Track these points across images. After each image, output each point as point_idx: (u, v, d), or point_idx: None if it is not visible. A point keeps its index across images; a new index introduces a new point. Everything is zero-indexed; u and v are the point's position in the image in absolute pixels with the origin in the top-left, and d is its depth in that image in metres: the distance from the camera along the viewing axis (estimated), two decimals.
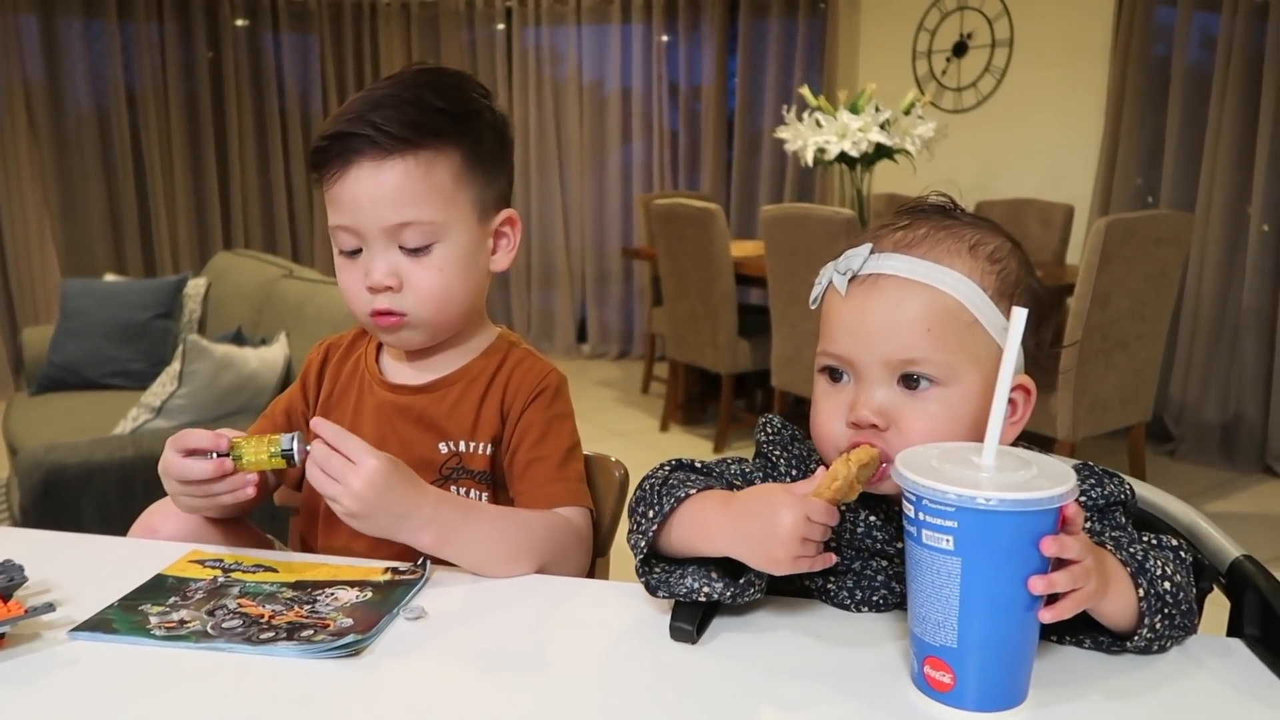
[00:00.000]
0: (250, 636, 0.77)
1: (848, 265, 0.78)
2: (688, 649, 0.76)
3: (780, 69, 5.52)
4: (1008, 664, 0.65)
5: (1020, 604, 0.64)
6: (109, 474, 2.23)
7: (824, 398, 0.81)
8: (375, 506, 0.85)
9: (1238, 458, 3.80)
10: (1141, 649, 0.72)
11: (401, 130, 0.93)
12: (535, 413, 1.02)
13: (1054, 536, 0.62)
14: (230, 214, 5.61)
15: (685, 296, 4.06)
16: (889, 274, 0.76)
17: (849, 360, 0.78)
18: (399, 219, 0.95)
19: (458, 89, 1.00)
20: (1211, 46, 3.82)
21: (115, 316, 3.39)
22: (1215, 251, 3.81)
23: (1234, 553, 0.80)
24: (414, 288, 0.97)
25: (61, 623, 0.79)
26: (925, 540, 0.64)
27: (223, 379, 2.55)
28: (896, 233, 0.79)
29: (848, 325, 0.78)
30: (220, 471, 0.90)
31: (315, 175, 0.98)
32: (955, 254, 0.77)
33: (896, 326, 0.75)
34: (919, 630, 0.67)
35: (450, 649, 0.77)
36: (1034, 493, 0.61)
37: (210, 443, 0.90)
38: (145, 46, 5.21)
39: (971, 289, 0.75)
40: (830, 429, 0.80)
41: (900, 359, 0.75)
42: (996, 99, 4.66)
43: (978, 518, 0.62)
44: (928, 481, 0.63)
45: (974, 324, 0.76)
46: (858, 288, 0.77)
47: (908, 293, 0.75)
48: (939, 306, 0.75)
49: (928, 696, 0.67)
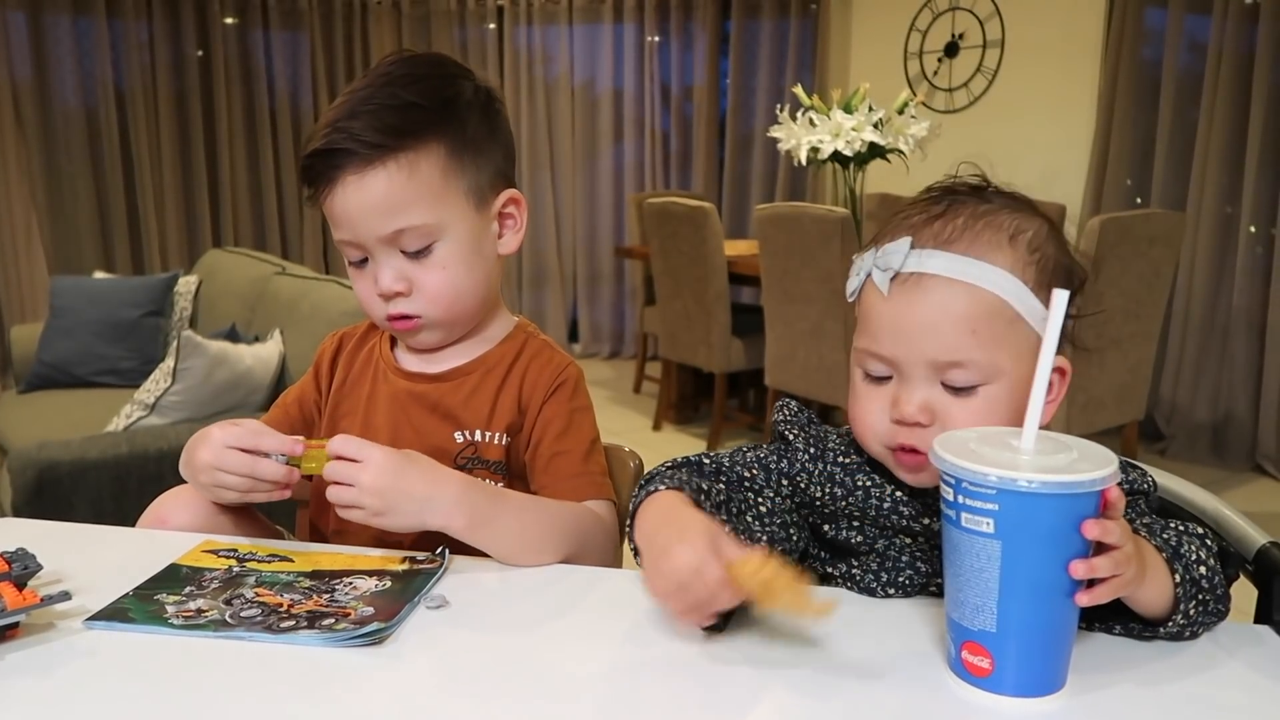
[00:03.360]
0: (270, 625, 0.76)
1: (888, 263, 0.76)
2: (713, 638, 0.75)
3: (772, 69, 5.52)
4: (1047, 649, 0.65)
5: (1060, 588, 0.63)
6: (103, 471, 2.21)
7: (866, 393, 0.80)
8: (394, 496, 0.84)
9: (1228, 456, 3.83)
10: (1174, 635, 0.71)
11: (378, 137, 0.91)
12: (556, 406, 1.01)
13: (1096, 520, 0.62)
14: (220, 212, 5.57)
15: (679, 295, 4.06)
16: (932, 274, 0.75)
17: (892, 360, 0.77)
18: (392, 227, 0.94)
19: (433, 77, 0.97)
20: (1202, 49, 3.85)
21: (105, 314, 3.36)
22: (1205, 252, 3.84)
23: (1260, 540, 0.80)
24: (423, 290, 0.96)
25: (76, 612, 0.78)
26: (964, 523, 0.63)
27: (217, 376, 2.52)
28: (934, 223, 0.77)
29: (890, 326, 0.76)
30: (290, 478, 0.89)
31: (309, 193, 0.97)
32: (996, 247, 0.75)
33: (941, 328, 0.74)
34: (956, 615, 0.66)
35: (473, 637, 0.76)
36: (1077, 475, 0.61)
37: (286, 448, 0.89)
38: (134, 44, 5.17)
39: (1014, 284, 0.75)
40: (874, 424, 0.79)
41: (946, 360, 0.75)
42: (988, 99, 4.68)
43: (1019, 500, 0.61)
44: (968, 464, 0.62)
45: (1016, 319, 0.75)
46: (900, 287, 0.76)
47: (952, 294, 0.74)
48: (983, 306, 0.74)
49: (965, 682, 0.66)
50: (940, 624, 0.72)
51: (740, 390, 4.54)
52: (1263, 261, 3.75)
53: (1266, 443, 3.71)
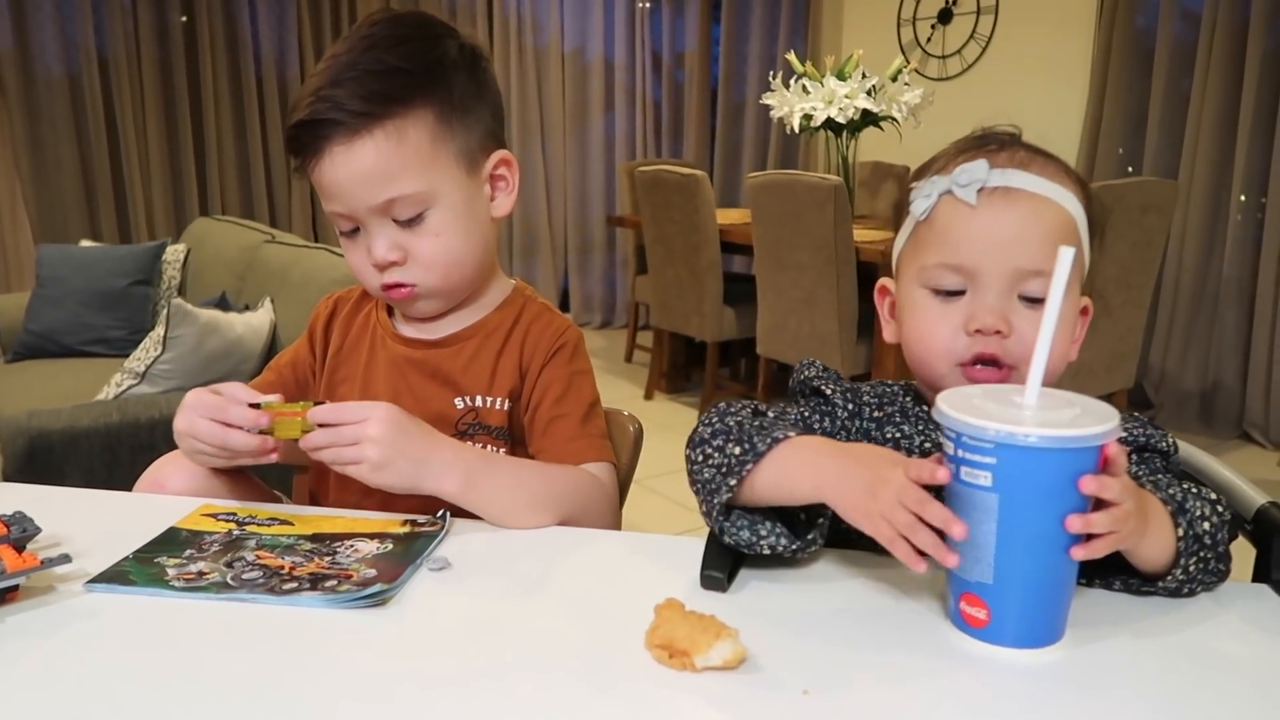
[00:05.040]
0: (273, 587, 0.75)
1: (972, 176, 0.78)
2: (717, 597, 0.75)
3: (764, 36, 5.47)
4: (1043, 601, 0.65)
5: (1057, 542, 0.63)
6: (94, 440, 2.20)
7: (935, 312, 0.81)
8: (396, 450, 0.84)
9: (1216, 424, 3.86)
10: (1173, 590, 0.72)
11: (364, 105, 0.90)
12: (555, 369, 1.00)
13: (1093, 476, 0.62)
14: (207, 180, 5.51)
15: (670, 264, 4.04)
16: (1018, 188, 0.77)
17: (974, 269, 0.78)
18: (383, 197, 0.92)
19: (417, 38, 0.95)
20: (1195, 17, 3.83)
21: (93, 283, 3.32)
22: (1196, 221, 3.84)
23: (1259, 500, 0.81)
24: (417, 258, 0.95)
25: (76, 575, 0.78)
26: (964, 477, 0.64)
27: (208, 344, 2.51)
28: (1001, 153, 0.79)
29: (978, 235, 0.78)
30: (263, 448, 0.89)
31: (296, 163, 0.95)
32: (1062, 175, 0.80)
33: (1028, 237, 0.77)
34: (955, 567, 0.66)
35: (476, 599, 0.76)
36: (1074, 430, 0.61)
37: (250, 421, 0.87)
38: (117, 10, 5.09)
39: (1080, 211, 0.79)
40: (947, 342, 0.80)
41: (1030, 270, 0.77)
42: (981, 66, 4.65)
43: (1017, 455, 0.61)
44: (967, 418, 0.62)
45: (1080, 243, 0.79)
46: (988, 199, 0.78)
47: (1040, 206, 0.78)
48: (1063, 222, 0.78)
49: (964, 633, 0.67)
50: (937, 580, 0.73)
51: (732, 359, 4.54)
52: (1253, 231, 3.75)
53: (1254, 410, 3.73)
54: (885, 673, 0.64)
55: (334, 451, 0.85)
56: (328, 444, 0.85)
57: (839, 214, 3.19)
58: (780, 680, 0.63)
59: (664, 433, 1.54)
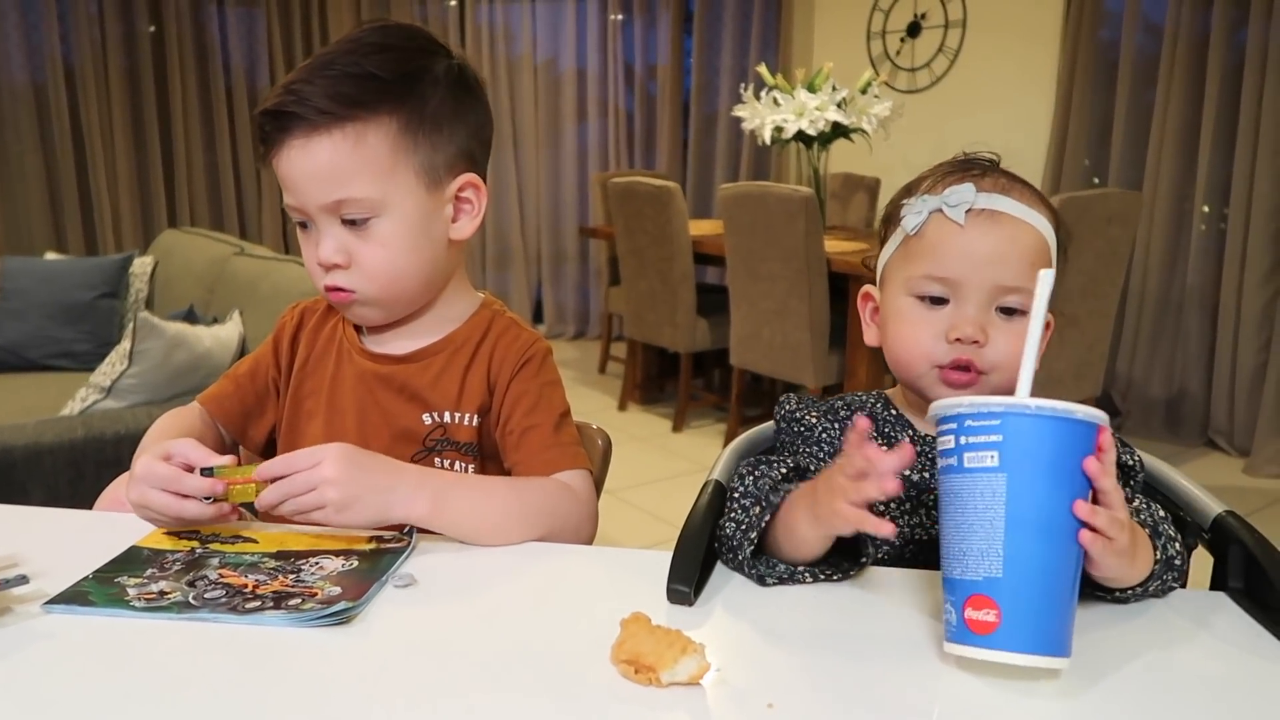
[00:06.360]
0: (235, 606, 0.75)
1: (961, 198, 0.84)
2: (684, 611, 0.75)
3: (736, 48, 5.51)
4: (1055, 597, 0.63)
5: (1066, 527, 0.63)
6: (58, 456, 2.16)
7: (919, 319, 0.87)
8: (357, 486, 0.83)
9: (1182, 431, 3.91)
10: (1122, 600, 0.74)
11: (328, 104, 0.90)
12: (525, 381, 1.00)
13: (1096, 458, 0.64)
14: (175, 191, 5.45)
15: (644, 275, 4.05)
16: (1003, 211, 0.84)
17: (957, 282, 0.85)
18: (333, 196, 0.92)
19: (400, 49, 0.95)
20: (1158, 30, 3.89)
21: (58, 296, 3.28)
22: (1161, 231, 3.90)
23: (1216, 509, 0.82)
24: (360, 265, 0.95)
25: (34, 596, 0.76)
26: (967, 463, 0.64)
27: (175, 358, 2.48)
28: (985, 179, 0.86)
29: (964, 250, 0.85)
30: (219, 514, 0.86)
31: (261, 151, 0.95)
32: (1038, 201, 0.87)
33: (1010, 257, 0.84)
34: (959, 570, 0.65)
35: (441, 616, 0.76)
36: (1076, 407, 0.63)
37: (205, 491, 0.85)
38: (83, 18, 5.03)
39: (1050, 233, 0.87)
40: (928, 347, 0.86)
41: (1008, 286, 0.84)
42: (950, 80, 4.71)
43: (1024, 424, 0.63)
44: (972, 398, 0.65)
45: (1051, 263, 0.86)
46: (974, 219, 0.85)
47: (1019, 229, 0.85)
48: (1038, 244, 0.85)
49: (969, 646, 0.64)
50: (914, 591, 0.73)
51: (705, 370, 4.55)
52: (1216, 241, 3.81)
53: (1219, 418, 3.79)
54: (850, 687, 0.65)
55: (293, 503, 0.83)
56: (283, 496, 0.82)
57: (810, 225, 3.22)
58: (745, 694, 0.63)
59: (637, 444, 1.54)
